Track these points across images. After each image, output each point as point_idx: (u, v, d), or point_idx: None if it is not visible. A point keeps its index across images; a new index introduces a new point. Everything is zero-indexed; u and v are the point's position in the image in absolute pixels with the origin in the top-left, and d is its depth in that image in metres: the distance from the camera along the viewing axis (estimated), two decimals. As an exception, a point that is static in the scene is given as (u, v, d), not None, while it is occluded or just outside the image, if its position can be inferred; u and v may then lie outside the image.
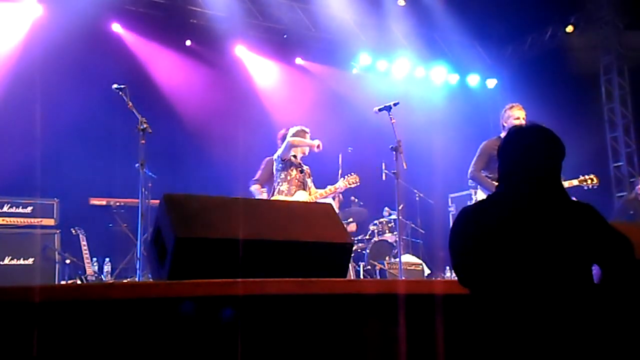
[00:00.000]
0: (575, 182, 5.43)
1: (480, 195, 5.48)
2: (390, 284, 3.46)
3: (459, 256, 2.08)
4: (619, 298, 2.08)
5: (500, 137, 5.61)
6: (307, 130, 5.80)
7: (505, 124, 5.51)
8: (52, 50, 6.84)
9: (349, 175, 5.77)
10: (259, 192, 6.10)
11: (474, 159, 5.50)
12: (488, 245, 1.95)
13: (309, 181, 5.81)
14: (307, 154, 5.80)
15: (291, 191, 5.59)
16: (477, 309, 1.99)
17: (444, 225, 8.67)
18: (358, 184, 5.82)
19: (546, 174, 2.05)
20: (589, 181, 5.47)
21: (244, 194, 7.12)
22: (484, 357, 1.93)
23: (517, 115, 5.47)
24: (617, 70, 9.16)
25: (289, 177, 5.61)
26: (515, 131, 2.19)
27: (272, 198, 5.59)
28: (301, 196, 5.60)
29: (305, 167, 5.81)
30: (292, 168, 5.65)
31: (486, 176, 5.44)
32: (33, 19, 7.28)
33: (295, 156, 5.72)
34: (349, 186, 5.78)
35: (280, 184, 5.60)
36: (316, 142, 5.61)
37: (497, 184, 5.66)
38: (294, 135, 5.74)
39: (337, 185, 5.74)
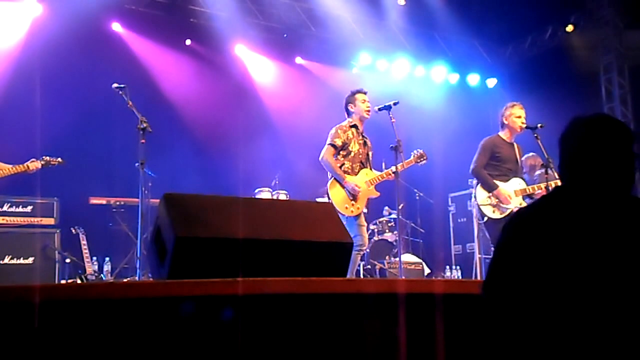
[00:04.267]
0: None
1: (480, 192, 5.46)
2: (390, 283, 3.46)
3: (509, 267, 1.76)
4: None
5: (499, 135, 5.62)
6: (361, 91, 5.49)
7: (506, 121, 5.56)
8: (52, 49, 6.84)
9: (415, 151, 5.51)
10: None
11: (476, 155, 5.52)
12: (555, 255, 1.69)
13: (370, 155, 5.54)
14: (368, 116, 5.46)
15: (355, 169, 5.38)
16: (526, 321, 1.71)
17: (444, 225, 8.69)
18: (425, 160, 5.56)
19: (621, 170, 1.79)
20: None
21: (244, 193, 7.13)
22: None
23: (518, 114, 5.52)
24: (617, 70, 9.15)
25: (352, 154, 5.38)
26: (588, 122, 1.85)
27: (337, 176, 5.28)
28: (364, 176, 5.38)
29: (367, 140, 5.52)
30: (353, 142, 5.37)
31: (488, 174, 5.45)
32: (32, 18, 7.26)
33: (356, 126, 5.45)
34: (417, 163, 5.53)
35: (343, 162, 5.36)
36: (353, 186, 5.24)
37: (499, 183, 5.65)
38: (347, 101, 5.48)
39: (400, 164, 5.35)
